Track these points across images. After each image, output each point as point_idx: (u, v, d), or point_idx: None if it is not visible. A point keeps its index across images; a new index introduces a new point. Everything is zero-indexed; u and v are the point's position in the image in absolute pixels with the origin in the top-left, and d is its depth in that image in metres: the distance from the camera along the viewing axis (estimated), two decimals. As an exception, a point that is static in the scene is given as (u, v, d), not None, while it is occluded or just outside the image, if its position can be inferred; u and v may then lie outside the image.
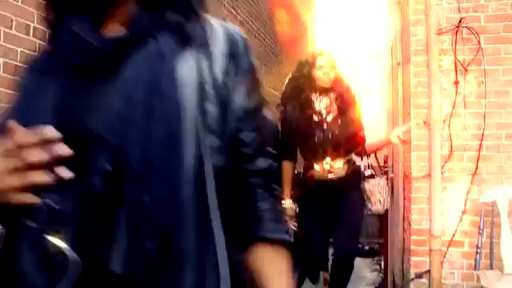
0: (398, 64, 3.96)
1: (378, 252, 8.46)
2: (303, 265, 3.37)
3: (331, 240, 3.54)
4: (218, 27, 0.85)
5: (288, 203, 3.27)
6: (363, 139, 3.24)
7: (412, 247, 3.38)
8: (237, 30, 0.86)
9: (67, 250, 0.68)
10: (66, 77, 0.78)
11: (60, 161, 0.67)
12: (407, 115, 3.50)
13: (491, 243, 3.08)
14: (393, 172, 4.21)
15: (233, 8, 5.68)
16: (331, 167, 3.14)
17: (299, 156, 3.46)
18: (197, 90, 0.77)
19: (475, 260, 3.08)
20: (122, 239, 0.71)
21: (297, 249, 3.92)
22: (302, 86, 3.21)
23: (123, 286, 0.71)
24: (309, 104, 3.17)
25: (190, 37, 0.80)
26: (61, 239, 0.68)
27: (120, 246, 0.71)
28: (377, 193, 3.10)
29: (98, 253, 0.70)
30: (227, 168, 0.80)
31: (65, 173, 0.67)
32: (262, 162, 0.87)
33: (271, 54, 7.18)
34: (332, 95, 3.17)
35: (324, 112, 3.15)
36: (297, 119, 3.18)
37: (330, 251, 3.60)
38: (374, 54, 7.81)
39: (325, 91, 3.17)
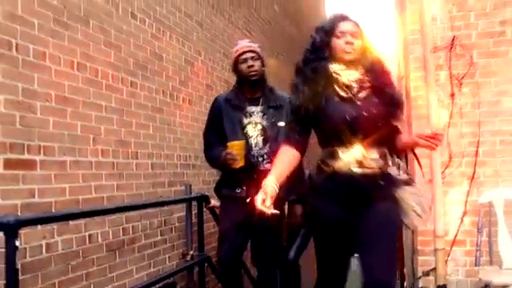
0: (401, 78, 4.25)
1: (395, 259, 8.63)
2: None
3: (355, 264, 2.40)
4: None
5: (271, 183, 2.18)
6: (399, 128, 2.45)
7: (419, 247, 3.62)
8: None
9: None
10: None
11: None
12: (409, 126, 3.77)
13: (489, 241, 3.34)
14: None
15: (246, 30, 6.03)
16: (364, 158, 2.24)
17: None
18: None
19: (475, 257, 3.32)
20: None
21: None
22: (317, 57, 2.39)
23: None
24: (332, 77, 2.35)
25: None
26: None
27: None
28: (414, 204, 2.32)
29: None
30: None
31: None
32: None
33: (285, 72, 7.48)
34: (361, 69, 2.36)
35: (355, 86, 2.33)
36: (315, 95, 2.32)
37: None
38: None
39: (349, 64, 2.35)
